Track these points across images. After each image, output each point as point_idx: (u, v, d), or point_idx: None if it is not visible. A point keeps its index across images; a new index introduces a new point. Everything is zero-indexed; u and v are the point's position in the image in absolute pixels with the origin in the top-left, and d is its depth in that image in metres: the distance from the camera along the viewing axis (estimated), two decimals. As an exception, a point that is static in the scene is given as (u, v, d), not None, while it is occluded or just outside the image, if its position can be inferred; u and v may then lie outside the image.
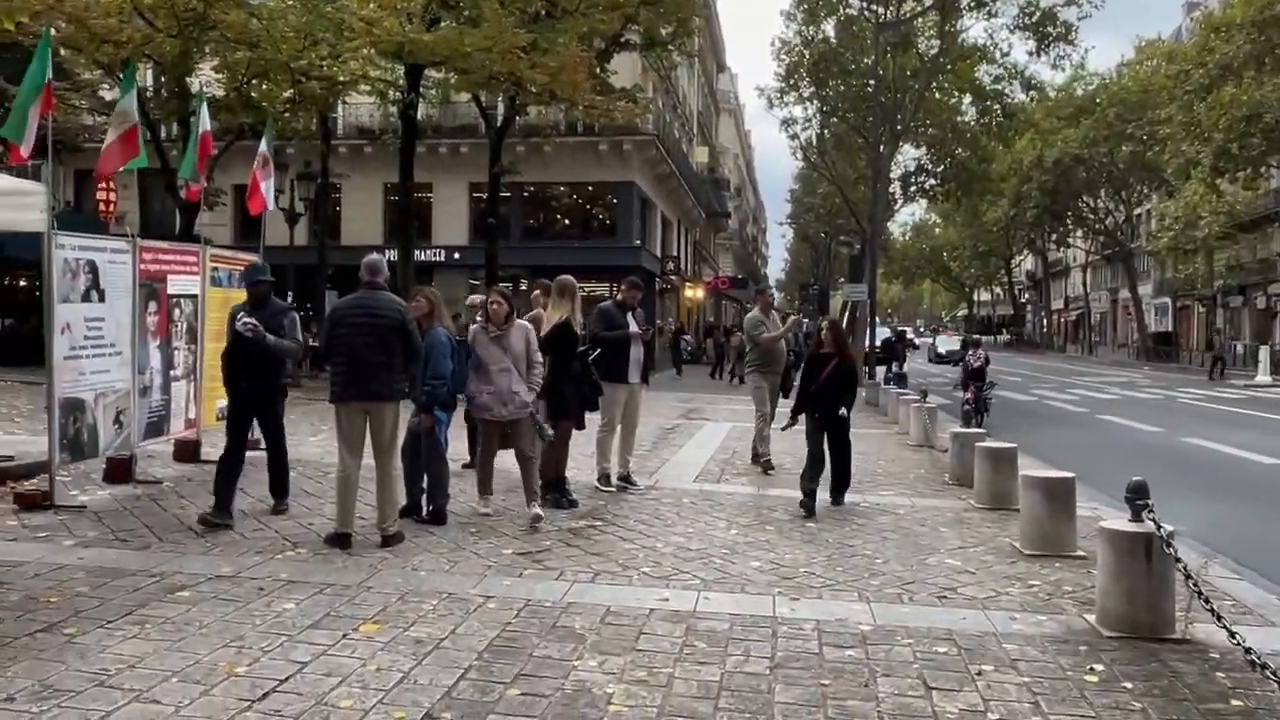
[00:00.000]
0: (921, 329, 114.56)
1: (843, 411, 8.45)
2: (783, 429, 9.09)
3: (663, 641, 4.79)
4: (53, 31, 7.64)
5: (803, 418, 8.59)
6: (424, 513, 7.37)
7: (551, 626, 4.98)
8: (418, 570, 6.03)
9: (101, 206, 24.50)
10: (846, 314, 35.08)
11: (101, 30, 17.33)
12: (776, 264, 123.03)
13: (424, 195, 29.57)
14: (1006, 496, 8.52)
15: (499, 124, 24.15)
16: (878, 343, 28.07)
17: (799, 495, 8.18)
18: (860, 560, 6.64)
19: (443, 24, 19.77)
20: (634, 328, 8.90)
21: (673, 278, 37.98)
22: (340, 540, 6.49)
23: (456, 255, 30.58)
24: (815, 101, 35.82)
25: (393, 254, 20.65)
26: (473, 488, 8.09)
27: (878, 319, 29.94)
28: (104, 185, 23.82)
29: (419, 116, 22.85)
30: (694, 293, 45.61)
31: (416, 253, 24.24)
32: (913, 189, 39.15)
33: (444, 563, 6.22)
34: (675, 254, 39.65)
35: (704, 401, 20.91)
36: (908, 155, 38.37)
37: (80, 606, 5.09)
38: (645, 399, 9.96)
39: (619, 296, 9.18)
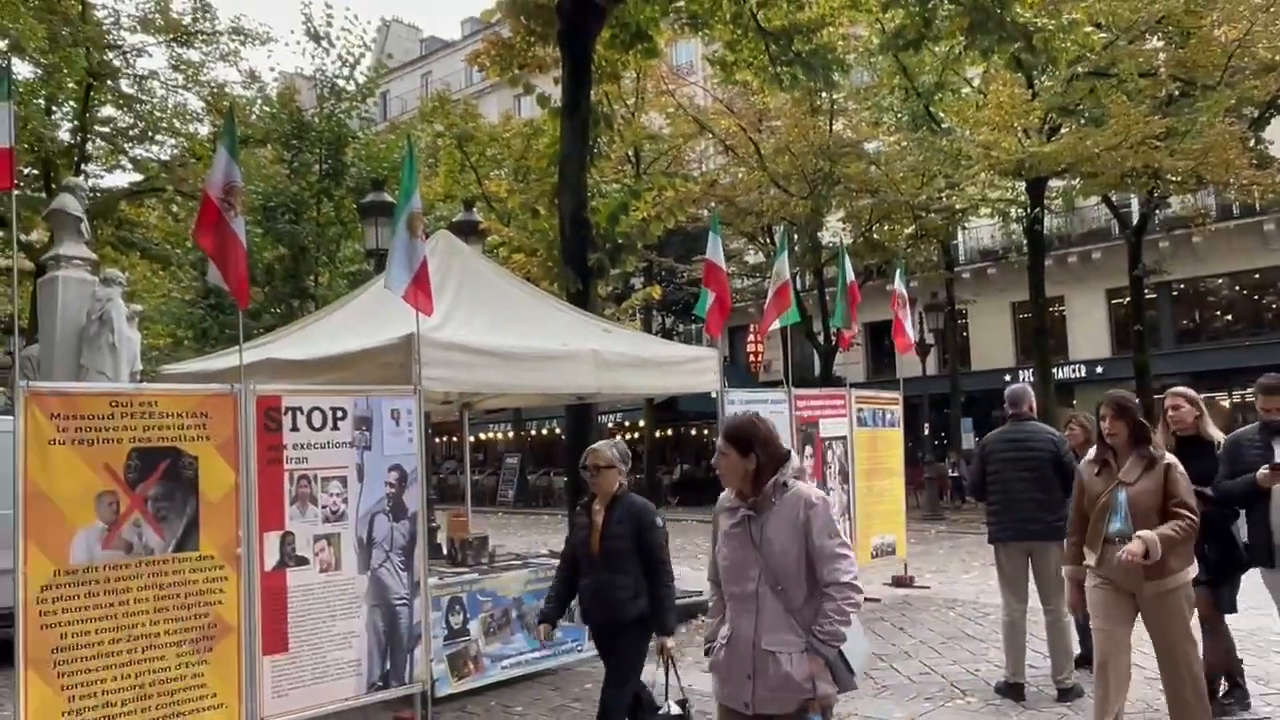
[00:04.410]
0: None
1: None
2: None
3: None
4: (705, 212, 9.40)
5: None
6: (1101, 664, 6.77)
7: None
8: (1104, 731, 5.52)
9: (751, 357, 27.74)
10: None
11: (744, 204, 20.10)
12: None
13: (1056, 309, 28.41)
14: None
15: (1135, 222, 22.53)
16: None
17: None
18: None
19: (1063, 130, 19.30)
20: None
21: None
22: (1013, 691, 6.26)
23: (1099, 369, 28.61)
24: None
25: (1027, 374, 20.05)
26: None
27: None
28: (753, 338, 27.01)
29: (1044, 230, 22.30)
30: None
31: (1054, 370, 23.25)
32: None
33: (1134, 725, 5.63)
34: (1386, 340, 32.72)
35: None
36: None
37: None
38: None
39: (1260, 411, 5.47)
